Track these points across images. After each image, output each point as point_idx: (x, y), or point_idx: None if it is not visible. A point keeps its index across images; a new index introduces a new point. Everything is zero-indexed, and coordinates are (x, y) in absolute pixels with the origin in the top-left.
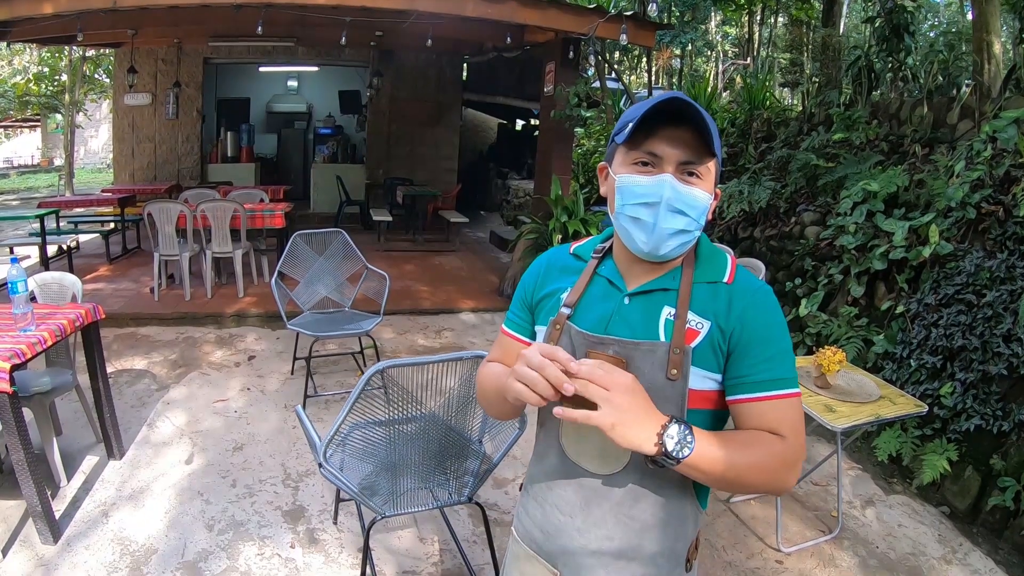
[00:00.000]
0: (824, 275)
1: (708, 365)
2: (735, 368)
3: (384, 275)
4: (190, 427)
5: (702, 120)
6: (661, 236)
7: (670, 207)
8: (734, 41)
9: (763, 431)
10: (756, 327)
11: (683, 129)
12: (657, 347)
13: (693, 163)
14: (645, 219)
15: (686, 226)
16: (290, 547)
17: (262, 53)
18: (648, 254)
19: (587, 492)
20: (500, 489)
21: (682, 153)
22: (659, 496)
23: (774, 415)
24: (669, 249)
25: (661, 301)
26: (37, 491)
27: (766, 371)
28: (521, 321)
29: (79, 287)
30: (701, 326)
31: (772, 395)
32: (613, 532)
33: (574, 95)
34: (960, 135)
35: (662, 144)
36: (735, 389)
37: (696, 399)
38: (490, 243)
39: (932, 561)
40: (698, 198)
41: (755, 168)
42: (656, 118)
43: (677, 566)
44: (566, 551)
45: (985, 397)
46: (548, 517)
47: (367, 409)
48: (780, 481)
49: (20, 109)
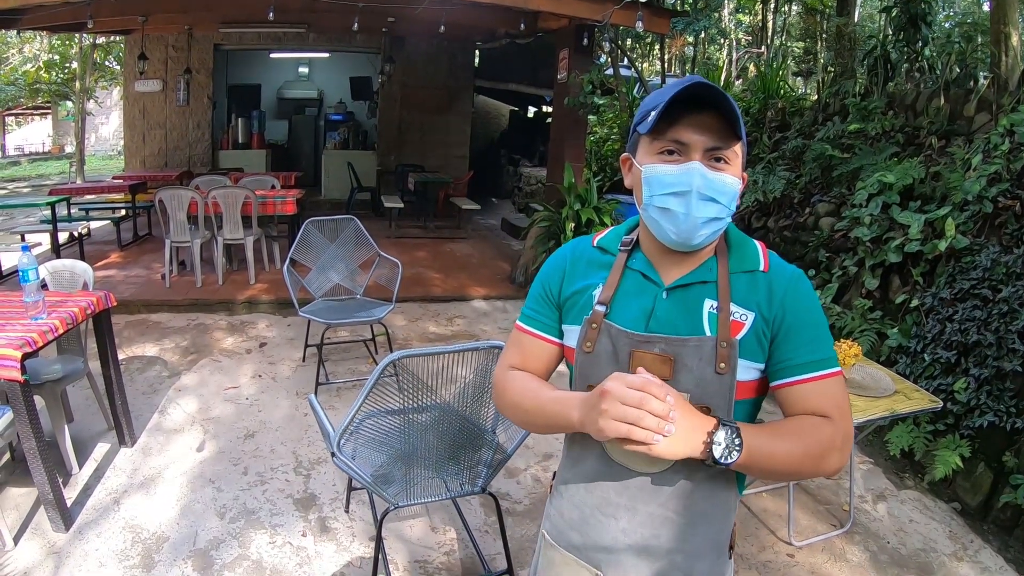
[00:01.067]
0: (838, 267)
1: (753, 356)
2: (779, 353)
3: (396, 262)
4: (201, 414)
5: (726, 103)
6: (693, 225)
7: (701, 195)
8: (747, 29)
9: (809, 415)
10: (797, 312)
11: (707, 114)
12: (705, 342)
13: (720, 148)
14: (676, 209)
15: (718, 213)
16: (301, 535)
17: (273, 39)
18: (680, 244)
19: (632, 492)
20: (512, 479)
21: (708, 139)
22: (706, 491)
23: (819, 396)
24: (702, 238)
25: (701, 294)
26: (48, 478)
27: (808, 353)
28: (544, 319)
29: (90, 274)
30: (745, 318)
31: (816, 376)
32: (660, 530)
33: (588, 82)
34: (977, 128)
35: (687, 131)
36: (780, 374)
37: (742, 389)
38: (502, 230)
39: (943, 558)
40: (728, 183)
41: (769, 158)
42: (678, 105)
43: (721, 556)
44: (610, 552)
45: (999, 394)
46: (588, 519)
47: (380, 398)
48: (830, 464)
49: (31, 97)
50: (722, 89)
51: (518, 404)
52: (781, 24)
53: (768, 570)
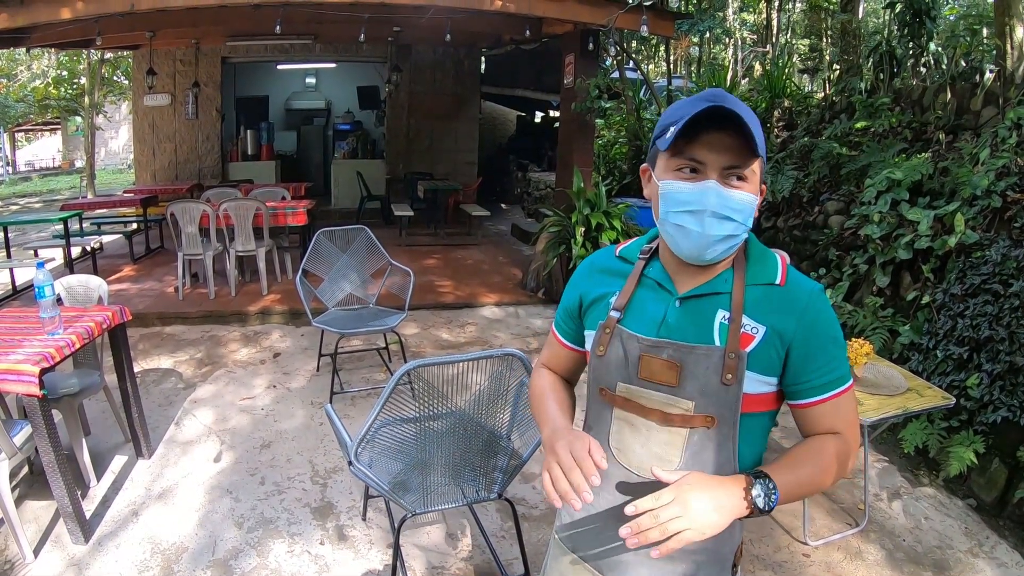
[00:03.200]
0: (848, 265)
1: (764, 369)
2: (798, 374)
3: (408, 271)
4: (217, 425)
5: (745, 123)
6: (707, 243)
7: (715, 214)
8: (752, 28)
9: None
10: (816, 332)
11: (726, 133)
12: (712, 351)
13: (738, 167)
14: (690, 227)
15: (733, 231)
16: (319, 544)
17: (280, 51)
18: (694, 259)
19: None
20: (528, 484)
21: (726, 158)
22: None
23: (835, 414)
24: (716, 254)
25: (714, 305)
26: (67, 491)
27: (827, 373)
28: (567, 328)
29: (105, 289)
30: (756, 331)
31: (833, 395)
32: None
33: (594, 87)
34: (984, 121)
35: (704, 150)
36: (798, 395)
37: (752, 403)
38: (512, 236)
39: (959, 554)
40: (744, 201)
41: (777, 157)
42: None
43: (724, 570)
44: (613, 556)
45: (1012, 388)
46: (593, 521)
47: (395, 407)
48: (842, 474)
49: (40, 113)
50: (742, 106)
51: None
52: (786, 22)
53: (784, 570)
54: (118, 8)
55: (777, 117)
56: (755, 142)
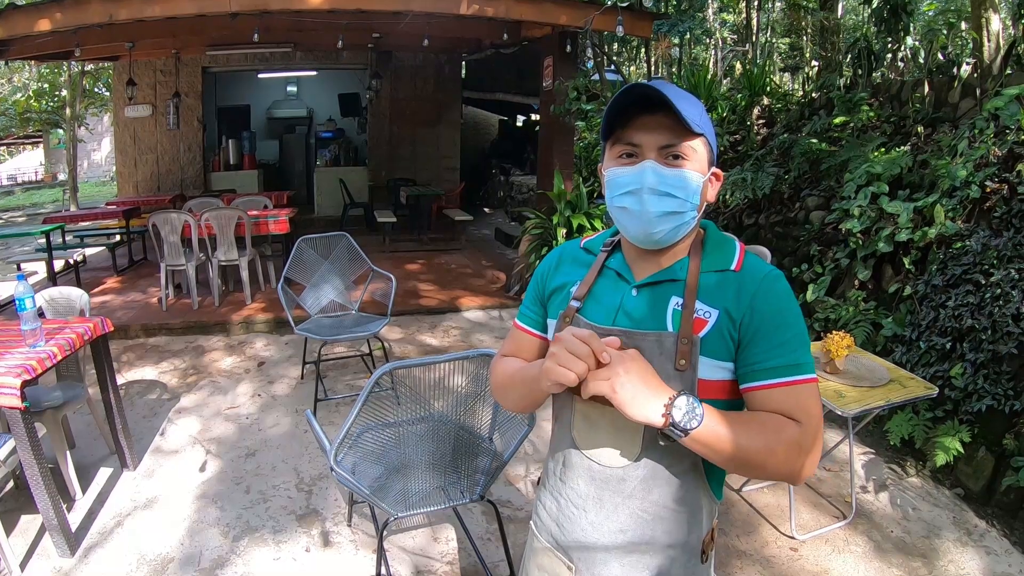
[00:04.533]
0: (830, 260)
1: (719, 354)
2: (747, 355)
3: (390, 277)
4: (202, 435)
5: (671, 102)
6: (649, 220)
7: (654, 191)
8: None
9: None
10: (766, 313)
11: (659, 114)
12: (664, 337)
13: (673, 145)
14: (631, 207)
15: (677, 207)
16: (305, 551)
17: (260, 60)
18: (642, 240)
19: (599, 484)
20: (512, 485)
21: (660, 138)
22: (672, 487)
23: (789, 402)
24: (662, 233)
25: (669, 291)
26: (53, 504)
27: (779, 357)
28: (533, 315)
29: (86, 301)
30: (709, 315)
31: (786, 381)
32: (626, 525)
33: (573, 89)
34: (962, 114)
35: (638, 133)
36: (747, 377)
37: (709, 389)
38: (495, 240)
39: (947, 543)
40: (686, 178)
41: (758, 155)
42: (631, 109)
43: (692, 558)
44: (580, 544)
45: (996, 377)
46: (563, 510)
47: (377, 411)
48: (794, 466)
49: (22, 126)
50: (670, 87)
51: (504, 384)
52: (766, 21)
53: (771, 565)
54: (96, 19)
55: (757, 115)
56: (685, 120)
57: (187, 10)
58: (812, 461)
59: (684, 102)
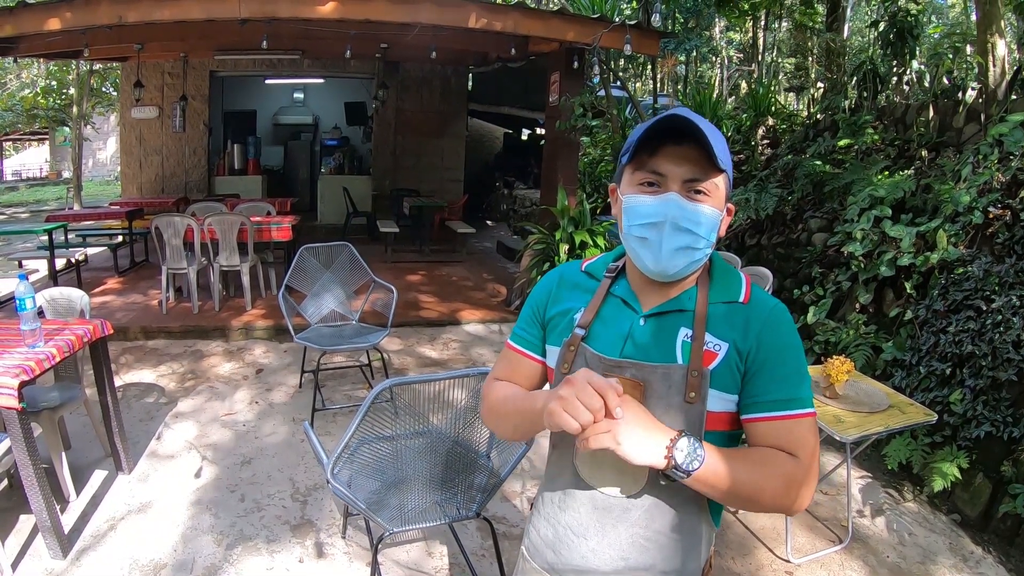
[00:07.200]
0: (831, 282)
1: (726, 387)
2: (750, 388)
3: (391, 288)
4: (198, 440)
5: (704, 135)
6: (667, 255)
7: (676, 226)
8: (738, 47)
9: (775, 449)
10: (772, 347)
11: (687, 146)
12: (675, 370)
13: (699, 180)
14: (651, 239)
15: (693, 243)
16: (299, 561)
17: (268, 66)
18: (657, 274)
19: (601, 513)
20: (508, 502)
21: (687, 171)
22: (674, 517)
23: (787, 435)
24: (678, 268)
25: (677, 322)
26: (46, 505)
27: (779, 390)
28: (530, 337)
29: (87, 302)
30: (719, 348)
31: (785, 415)
32: (628, 553)
33: (579, 105)
34: (967, 139)
35: (665, 163)
36: (749, 408)
37: (713, 420)
38: (497, 253)
39: (943, 570)
40: (705, 214)
41: (761, 175)
42: (660, 136)
43: None
44: (578, 571)
45: (995, 404)
46: (560, 537)
47: (375, 424)
48: (790, 500)
49: (28, 122)
50: (703, 121)
51: (498, 411)
52: (772, 41)
53: None
54: (106, 20)
55: (762, 135)
56: (715, 155)
57: (196, 15)
58: (807, 493)
59: (713, 135)
